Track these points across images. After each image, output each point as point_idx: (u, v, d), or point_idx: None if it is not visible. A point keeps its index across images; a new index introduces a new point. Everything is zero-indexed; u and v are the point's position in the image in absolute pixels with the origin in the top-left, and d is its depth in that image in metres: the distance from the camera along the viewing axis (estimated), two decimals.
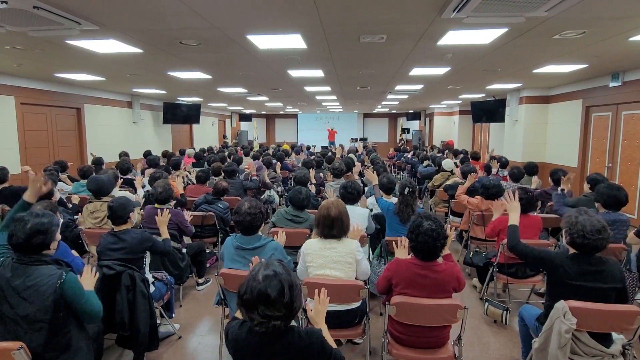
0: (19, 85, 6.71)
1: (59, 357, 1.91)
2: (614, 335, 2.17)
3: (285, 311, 1.38)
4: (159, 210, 3.30)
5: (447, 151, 9.43)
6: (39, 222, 1.93)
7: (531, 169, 5.82)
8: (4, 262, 1.95)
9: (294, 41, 4.29)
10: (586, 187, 4.21)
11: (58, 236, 2.06)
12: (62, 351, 1.92)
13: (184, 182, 6.12)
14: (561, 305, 2.04)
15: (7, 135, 6.53)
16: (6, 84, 6.46)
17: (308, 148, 14.04)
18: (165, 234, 3.17)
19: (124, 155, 7.93)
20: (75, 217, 4.11)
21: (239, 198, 5.11)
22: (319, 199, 5.09)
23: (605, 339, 2.11)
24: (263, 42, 4.35)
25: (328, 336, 1.62)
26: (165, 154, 9.12)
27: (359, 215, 3.63)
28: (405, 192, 3.46)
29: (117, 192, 4.47)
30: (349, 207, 3.66)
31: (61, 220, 2.86)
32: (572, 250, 2.23)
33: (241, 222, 2.58)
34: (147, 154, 8.25)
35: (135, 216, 2.99)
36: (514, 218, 2.71)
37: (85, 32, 3.75)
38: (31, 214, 1.96)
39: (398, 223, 3.50)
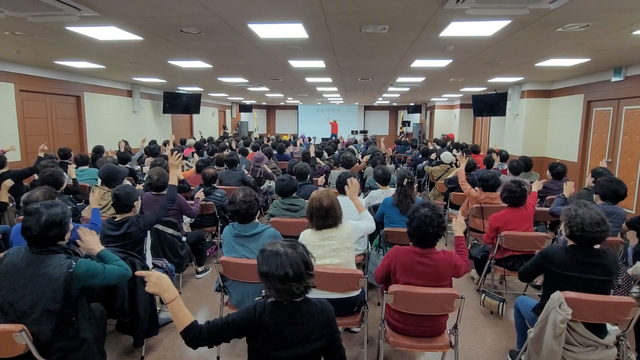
0: (19, 72, 6.68)
1: (66, 347, 1.90)
2: (609, 326, 2.19)
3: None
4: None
5: (448, 144, 9.39)
6: (53, 213, 1.89)
7: (526, 163, 5.75)
8: (17, 251, 1.92)
9: (296, 31, 4.26)
10: (590, 180, 4.20)
11: (71, 225, 2.04)
12: (70, 340, 1.91)
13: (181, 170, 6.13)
14: (557, 295, 2.06)
15: (7, 122, 6.51)
16: (5, 70, 6.42)
17: (309, 140, 14.01)
18: (174, 179, 3.32)
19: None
20: (79, 204, 4.12)
21: (237, 188, 5.11)
22: (325, 186, 5.08)
23: (599, 330, 2.13)
24: (264, 31, 4.32)
25: None
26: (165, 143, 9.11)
27: (353, 207, 3.62)
28: (404, 183, 3.47)
29: None
30: (342, 198, 3.68)
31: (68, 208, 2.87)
32: (570, 242, 2.25)
33: (237, 212, 2.60)
34: (151, 142, 8.27)
35: (139, 205, 3.01)
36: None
37: (85, 18, 3.72)
38: (44, 205, 1.91)
39: (398, 214, 3.50)
